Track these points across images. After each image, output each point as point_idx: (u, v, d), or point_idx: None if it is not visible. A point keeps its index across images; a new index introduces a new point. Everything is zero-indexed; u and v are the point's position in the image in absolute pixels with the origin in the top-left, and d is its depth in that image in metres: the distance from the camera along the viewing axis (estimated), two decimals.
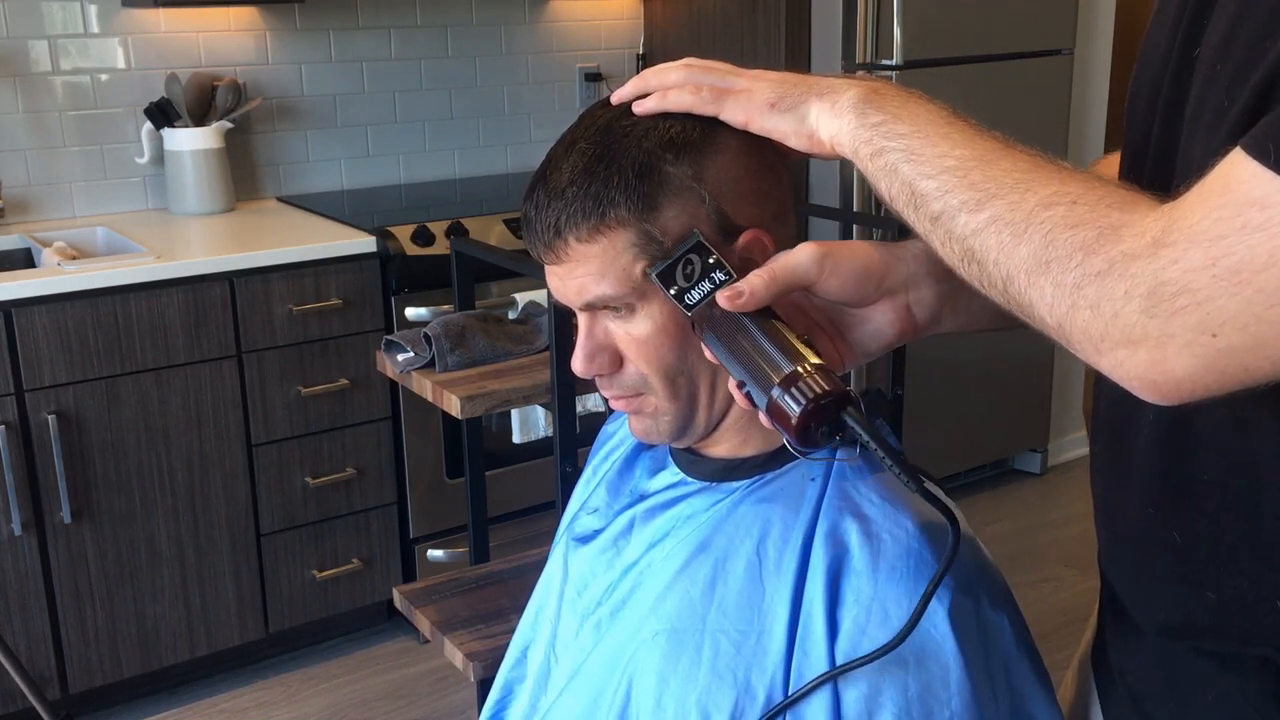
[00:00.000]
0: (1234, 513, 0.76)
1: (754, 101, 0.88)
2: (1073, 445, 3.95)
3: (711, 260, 0.87)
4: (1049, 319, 0.69)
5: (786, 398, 0.80)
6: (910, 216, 0.78)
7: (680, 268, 0.88)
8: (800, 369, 0.81)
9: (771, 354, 0.83)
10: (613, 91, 0.96)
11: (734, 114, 0.89)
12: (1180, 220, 0.62)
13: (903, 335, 0.90)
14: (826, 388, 0.80)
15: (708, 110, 0.89)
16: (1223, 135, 0.66)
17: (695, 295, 0.87)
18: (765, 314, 0.86)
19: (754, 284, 0.84)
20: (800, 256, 0.85)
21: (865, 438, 0.80)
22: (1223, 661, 0.81)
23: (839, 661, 0.87)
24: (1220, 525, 0.77)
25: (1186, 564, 0.80)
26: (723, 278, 0.86)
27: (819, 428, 0.81)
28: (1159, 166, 0.78)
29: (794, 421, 0.80)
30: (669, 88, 0.90)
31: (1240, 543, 0.76)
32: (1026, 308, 0.70)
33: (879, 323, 0.90)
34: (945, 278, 0.87)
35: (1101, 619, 0.96)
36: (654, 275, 0.88)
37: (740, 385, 0.86)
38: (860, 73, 3.07)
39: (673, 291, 0.88)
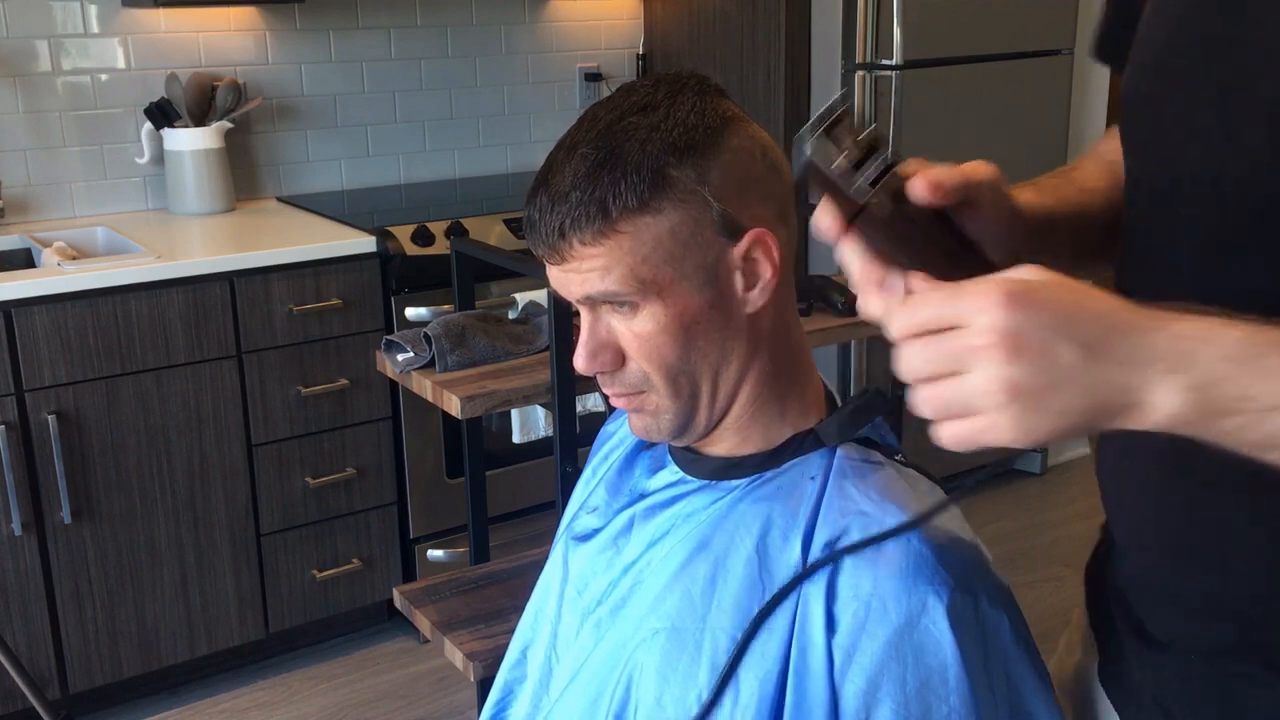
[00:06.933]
0: (1260, 534, 0.76)
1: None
2: (1073, 445, 3.95)
3: (863, 137, 0.71)
4: None
5: None
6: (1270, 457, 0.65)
7: (834, 143, 0.71)
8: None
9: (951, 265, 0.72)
10: (635, 97, 0.92)
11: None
12: None
13: None
14: None
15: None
16: (1229, 149, 0.65)
17: (868, 176, 0.71)
18: (940, 215, 0.75)
19: (944, 179, 0.74)
20: (987, 175, 0.78)
21: None
22: (1258, 676, 0.80)
23: (836, 660, 0.87)
24: (1244, 545, 0.77)
25: (1209, 582, 0.80)
26: (890, 158, 0.71)
27: None
28: (1159, 175, 0.78)
29: None
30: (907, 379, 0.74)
31: (1266, 560, 0.76)
32: None
33: None
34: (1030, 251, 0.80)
35: (1115, 638, 0.94)
36: (807, 146, 0.71)
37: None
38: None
39: (834, 166, 0.71)
